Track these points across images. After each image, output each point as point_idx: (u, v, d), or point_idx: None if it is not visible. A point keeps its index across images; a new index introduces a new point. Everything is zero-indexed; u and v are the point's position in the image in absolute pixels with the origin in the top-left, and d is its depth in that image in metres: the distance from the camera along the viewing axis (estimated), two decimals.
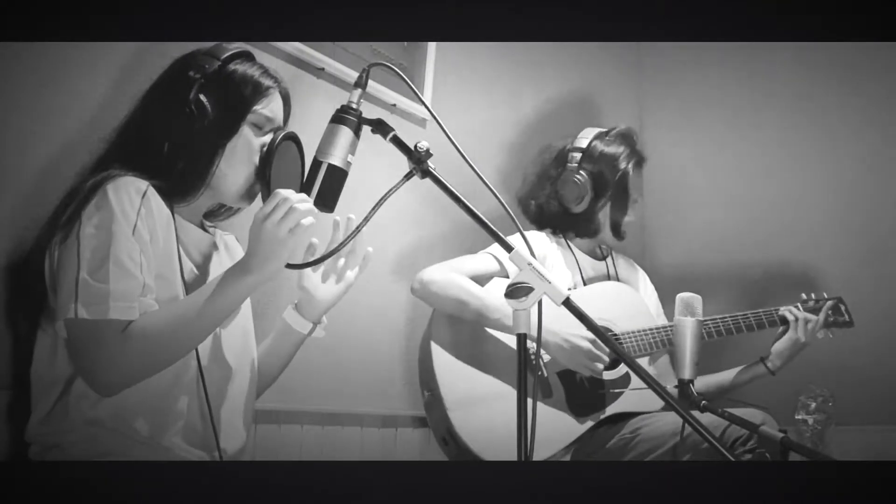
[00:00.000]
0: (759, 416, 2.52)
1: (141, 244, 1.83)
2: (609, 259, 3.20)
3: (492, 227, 1.87)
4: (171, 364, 1.85)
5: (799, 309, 3.01)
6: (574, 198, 3.06)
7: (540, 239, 3.06)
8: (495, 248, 2.92)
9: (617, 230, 3.11)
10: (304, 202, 1.85)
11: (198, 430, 1.93)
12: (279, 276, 1.90)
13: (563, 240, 3.12)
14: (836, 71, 3.63)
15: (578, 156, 3.08)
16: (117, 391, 1.81)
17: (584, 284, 3.05)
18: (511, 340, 2.73)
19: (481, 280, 2.85)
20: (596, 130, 3.14)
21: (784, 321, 2.99)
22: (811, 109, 3.69)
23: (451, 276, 2.81)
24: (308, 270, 2.17)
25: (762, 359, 3.01)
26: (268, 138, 2.01)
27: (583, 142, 3.11)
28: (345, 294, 2.20)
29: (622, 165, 3.05)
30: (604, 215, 3.09)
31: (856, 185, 3.57)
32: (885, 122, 3.52)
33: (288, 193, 1.85)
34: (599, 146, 3.08)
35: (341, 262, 2.20)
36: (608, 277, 3.14)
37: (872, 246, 3.49)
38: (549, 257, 3.02)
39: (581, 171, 3.06)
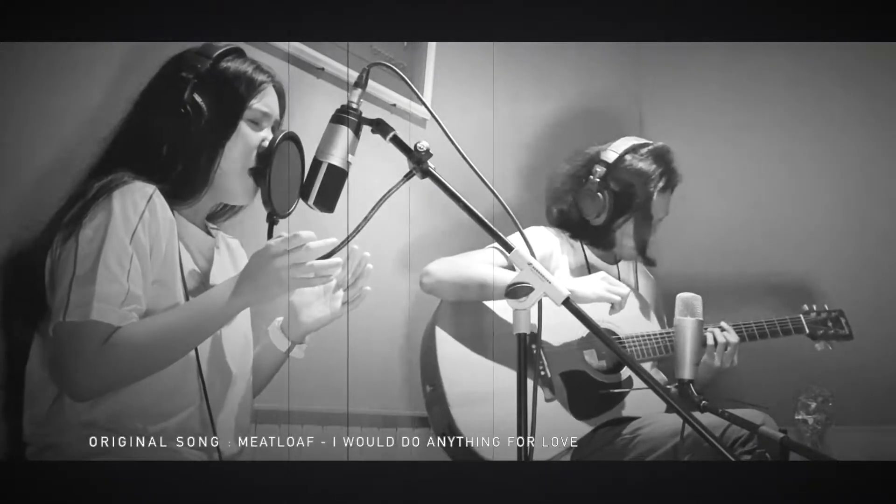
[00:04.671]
0: (760, 417, 2.51)
1: (138, 251, 1.83)
2: (621, 264, 3.13)
3: (492, 226, 1.87)
4: (149, 374, 1.84)
5: (724, 329, 2.89)
6: (592, 212, 2.99)
7: (545, 236, 3.01)
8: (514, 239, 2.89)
9: (643, 252, 3.04)
10: (326, 261, 1.84)
11: (197, 432, 1.93)
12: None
13: (574, 240, 3.06)
14: (841, 72, 3.61)
15: (603, 170, 2.98)
16: (91, 398, 1.81)
17: None
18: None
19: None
20: (630, 143, 3.04)
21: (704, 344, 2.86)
22: (814, 112, 3.68)
23: (458, 260, 2.80)
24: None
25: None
26: (266, 133, 2.00)
27: (611, 155, 3.01)
28: (329, 323, 2.16)
29: (647, 188, 2.97)
30: (621, 233, 3.02)
31: (861, 189, 3.56)
32: (890, 126, 3.51)
33: (314, 242, 1.83)
34: (627, 162, 2.99)
35: (339, 292, 2.14)
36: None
37: (875, 249, 3.49)
38: (555, 255, 2.99)
39: (601, 187, 2.98)
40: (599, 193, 2.97)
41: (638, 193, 2.98)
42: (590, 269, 3.03)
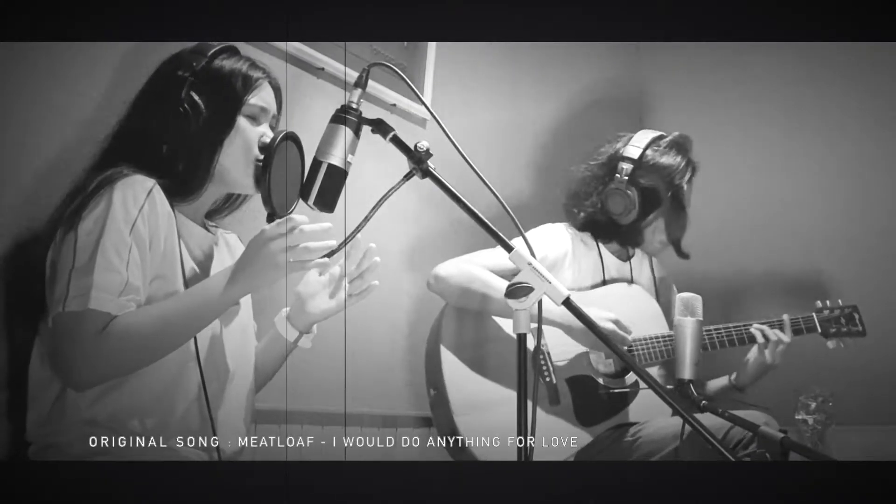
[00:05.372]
0: (762, 418, 2.50)
1: (137, 242, 1.83)
2: (633, 261, 3.08)
3: (492, 227, 1.87)
4: (148, 364, 1.85)
5: (772, 327, 2.89)
6: (620, 211, 2.91)
7: (559, 235, 2.96)
8: (516, 241, 2.86)
9: (678, 248, 2.99)
10: (320, 242, 1.84)
11: (196, 431, 1.93)
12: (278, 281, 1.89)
13: (589, 238, 3.01)
14: (846, 71, 3.61)
15: (629, 167, 2.91)
16: (89, 387, 1.82)
17: (605, 284, 2.99)
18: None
19: (501, 276, 2.78)
20: (649, 136, 2.97)
21: (752, 340, 2.88)
22: (820, 110, 3.67)
23: (470, 268, 2.75)
24: (308, 277, 2.17)
25: (729, 376, 2.95)
26: (264, 129, 2.01)
27: (634, 150, 2.93)
28: (335, 314, 2.18)
29: (677, 181, 2.92)
30: (652, 230, 2.96)
31: (868, 186, 3.56)
32: None
33: (306, 225, 1.84)
34: (652, 156, 2.92)
35: (345, 281, 2.16)
36: (630, 280, 3.05)
37: (876, 246, 3.49)
38: (569, 255, 2.94)
39: (630, 184, 2.90)
40: (629, 191, 2.90)
41: (668, 187, 2.92)
42: (604, 267, 2.99)
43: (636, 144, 2.95)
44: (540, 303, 1.85)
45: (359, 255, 2.14)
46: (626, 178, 2.91)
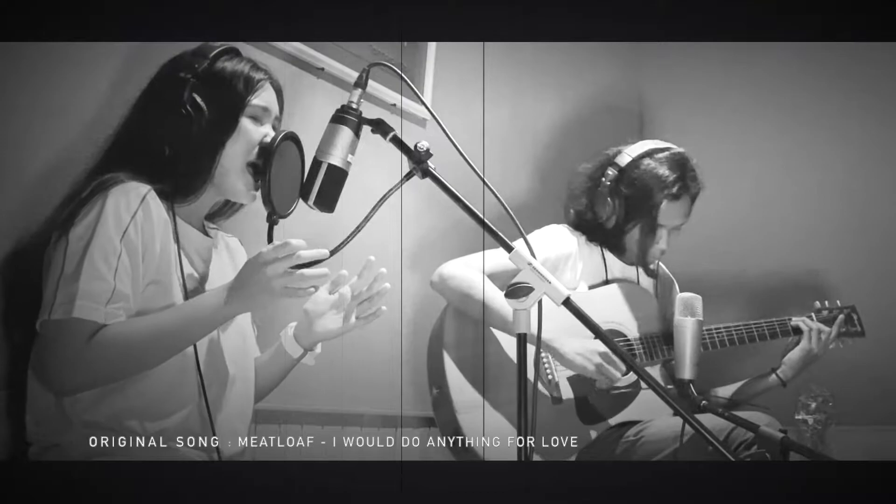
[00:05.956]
0: (765, 419, 2.50)
1: (128, 249, 1.83)
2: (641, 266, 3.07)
3: (492, 227, 1.87)
4: (137, 373, 1.84)
5: (813, 319, 2.96)
6: (603, 214, 2.93)
7: (564, 236, 2.96)
8: (517, 242, 2.85)
9: (643, 259, 2.98)
10: (315, 270, 1.83)
11: (197, 433, 1.93)
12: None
13: (594, 243, 2.99)
14: (846, 71, 3.61)
15: (614, 173, 2.92)
16: (72, 394, 1.82)
17: (608, 284, 2.99)
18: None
19: (504, 277, 2.77)
20: (647, 147, 2.97)
21: (797, 331, 2.94)
22: (820, 110, 3.67)
23: (475, 278, 2.76)
24: (317, 296, 2.15)
25: (773, 370, 2.97)
26: (267, 129, 2.01)
27: (624, 158, 2.94)
28: (341, 335, 2.18)
29: (657, 194, 2.89)
30: (630, 238, 2.96)
31: (867, 186, 3.56)
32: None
33: (304, 251, 1.82)
34: (641, 167, 2.91)
35: (353, 303, 2.16)
36: (636, 281, 3.04)
37: (876, 246, 3.49)
38: (573, 256, 2.94)
39: (612, 190, 2.91)
40: (609, 197, 2.91)
41: (647, 199, 2.90)
42: (607, 271, 2.99)
43: (629, 153, 2.95)
44: (540, 303, 1.85)
45: (370, 278, 2.13)
46: (609, 183, 2.92)
